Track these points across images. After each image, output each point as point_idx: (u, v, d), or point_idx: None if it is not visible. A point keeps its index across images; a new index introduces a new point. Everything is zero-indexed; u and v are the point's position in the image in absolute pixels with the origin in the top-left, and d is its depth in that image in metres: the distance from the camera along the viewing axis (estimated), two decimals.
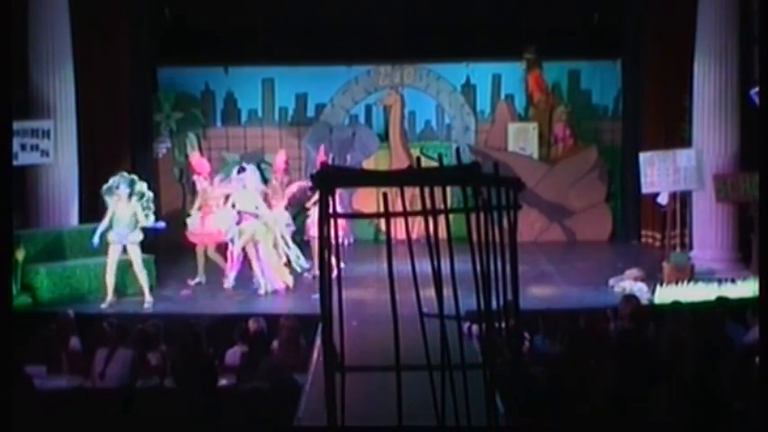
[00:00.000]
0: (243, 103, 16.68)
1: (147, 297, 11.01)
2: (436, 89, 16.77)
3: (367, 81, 16.75)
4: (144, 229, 11.19)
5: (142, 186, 11.36)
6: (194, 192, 13.37)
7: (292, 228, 12.23)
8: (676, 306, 9.13)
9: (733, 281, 10.97)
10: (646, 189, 12.63)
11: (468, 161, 3.79)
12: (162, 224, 11.51)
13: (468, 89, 16.77)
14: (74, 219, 12.41)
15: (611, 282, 11.51)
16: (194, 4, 15.73)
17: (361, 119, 16.71)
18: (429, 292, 3.70)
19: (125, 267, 11.26)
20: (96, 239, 10.87)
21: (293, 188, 12.43)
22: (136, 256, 11.01)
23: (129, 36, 14.50)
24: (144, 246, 11.30)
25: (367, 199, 15.35)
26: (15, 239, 10.29)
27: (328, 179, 3.67)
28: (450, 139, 16.66)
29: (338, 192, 4.14)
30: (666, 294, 10.50)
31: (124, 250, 11.00)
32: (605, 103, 16.69)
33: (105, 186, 11.18)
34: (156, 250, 12.11)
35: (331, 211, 3.68)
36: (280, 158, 12.90)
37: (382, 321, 3.94)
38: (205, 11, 15.73)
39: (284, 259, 11.76)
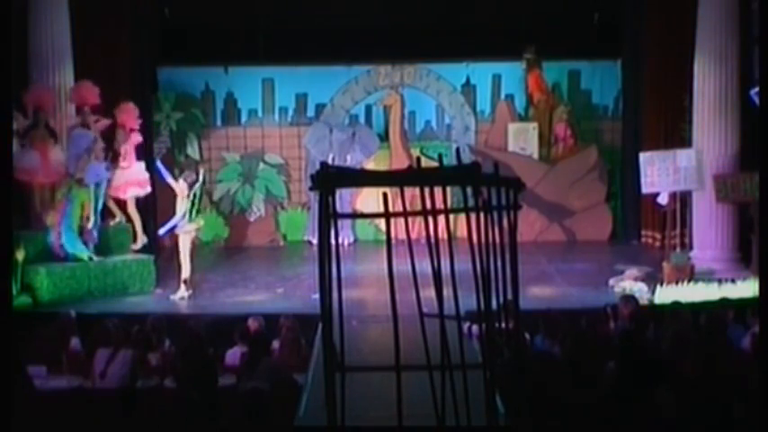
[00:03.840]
0: (243, 103, 16.69)
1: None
2: (436, 89, 16.77)
3: (367, 81, 16.76)
4: None
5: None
6: None
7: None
8: (676, 306, 9.12)
9: (733, 281, 10.94)
10: (646, 189, 12.62)
11: (468, 161, 3.78)
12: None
13: (468, 89, 16.78)
14: None
15: (611, 282, 11.50)
16: (194, 4, 15.72)
17: (361, 119, 16.71)
18: (429, 292, 3.70)
19: (122, 268, 11.30)
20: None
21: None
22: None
23: (129, 36, 14.48)
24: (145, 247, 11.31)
25: (367, 199, 15.35)
26: (15, 240, 10.28)
27: (328, 179, 3.67)
28: (450, 139, 16.67)
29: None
30: (666, 294, 10.49)
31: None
32: (605, 103, 16.71)
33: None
34: (157, 250, 12.11)
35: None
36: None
37: (382, 321, 3.94)
38: (205, 11, 15.72)
39: None
